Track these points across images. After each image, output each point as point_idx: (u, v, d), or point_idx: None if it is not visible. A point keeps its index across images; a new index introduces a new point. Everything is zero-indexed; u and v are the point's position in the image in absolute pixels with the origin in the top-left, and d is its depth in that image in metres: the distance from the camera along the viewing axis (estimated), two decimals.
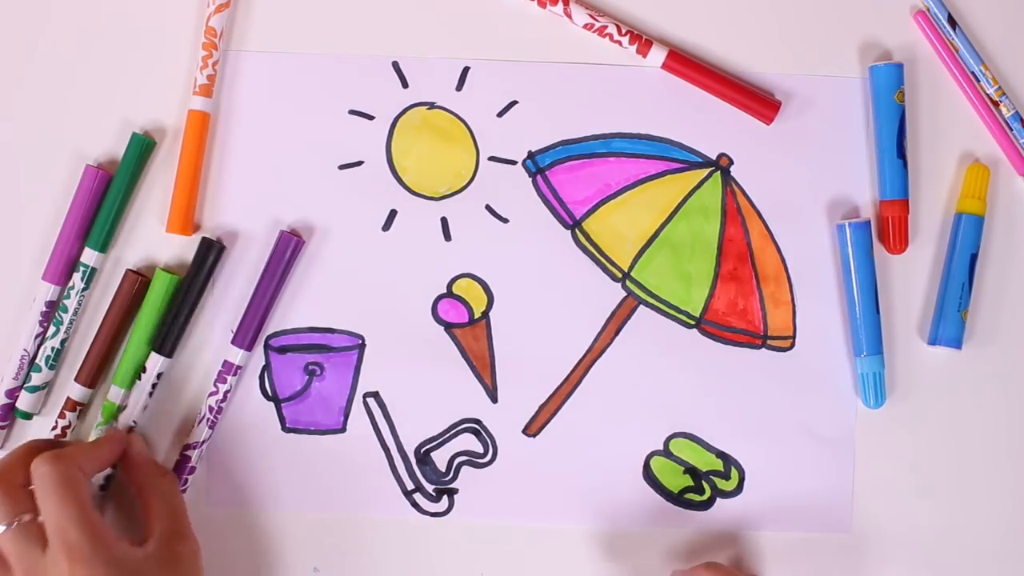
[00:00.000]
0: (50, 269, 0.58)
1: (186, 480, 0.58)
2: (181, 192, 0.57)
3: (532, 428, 0.59)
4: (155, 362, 0.57)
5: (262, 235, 0.59)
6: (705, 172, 0.60)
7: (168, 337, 0.57)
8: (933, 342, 0.59)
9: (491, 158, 0.59)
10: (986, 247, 0.60)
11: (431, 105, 0.59)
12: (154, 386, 0.57)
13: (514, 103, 0.59)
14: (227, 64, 0.59)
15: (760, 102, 0.59)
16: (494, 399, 0.59)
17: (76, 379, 0.58)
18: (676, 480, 0.59)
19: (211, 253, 0.57)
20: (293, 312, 0.59)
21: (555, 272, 0.59)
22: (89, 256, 0.57)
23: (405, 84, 0.59)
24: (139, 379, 0.57)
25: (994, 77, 0.59)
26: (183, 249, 0.59)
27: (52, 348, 0.58)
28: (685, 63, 0.58)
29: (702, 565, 0.56)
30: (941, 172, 0.60)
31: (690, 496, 0.59)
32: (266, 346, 0.59)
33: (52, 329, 0.58)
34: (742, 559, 0.59)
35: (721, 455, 0.59)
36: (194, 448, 0.58)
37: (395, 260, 0.59)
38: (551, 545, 0.59)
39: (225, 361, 0.58)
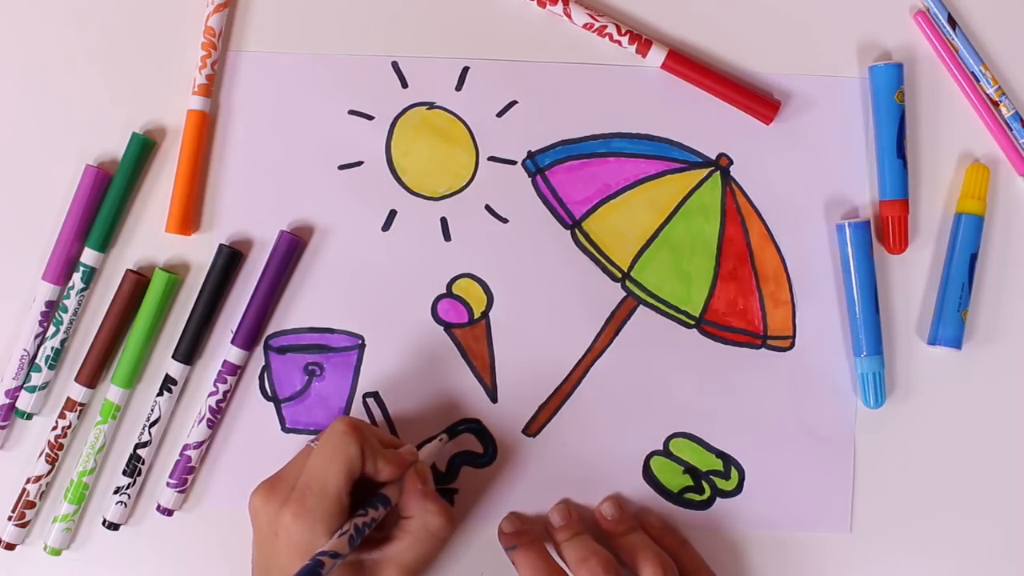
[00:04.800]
0: (50, 269, 0.58)
1: (186, 480, 0.58)
2: (180, 192, 0.58)
3: (532, 428, 0.59)
4: (180, 371, 0.58)
5: (262, 235, 0.59)
6: (705, 172, 0.60)
7: (191, 344, 0.58)
8: (933, 342, 0.59)
9: (491, 158, 0.59)
10: (986, 247, 0.60)
11: (431, 105, 0.59)
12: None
13: (514, 103, 0.59)
14: (226, 64, 0.59)
15: (760, 102, 0.59)
16: (494, 399, 0.59)
17: (76, 379, 0.58)
18: (676, 480, 0.59)
19: (232, 261, 0.58)
20: (293, 312, 0.59)
21: (555, 272, 0.59)
22: (89, 256, 0.58)
23: (405, 84, 0.59)
24: (169, 391, 0.58)
25: (994, 77, 0.59)
26: (183, 249, 0.59)
27: (52, 348, 0.58)
28: (685, 63, 0.58)
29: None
30: (941, 172, 0.60)
31: (690, 496, 0.59)
32: (266, 346, 0.59)
33: (52, 329, 0.58)
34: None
35: (721, 455, 0.59)
36: (194, 448, 0.58)
37: (395, 260, 0.59)
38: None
39: (225, 361, 0.58)
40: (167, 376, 0.58)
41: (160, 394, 0.58)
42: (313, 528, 0.49)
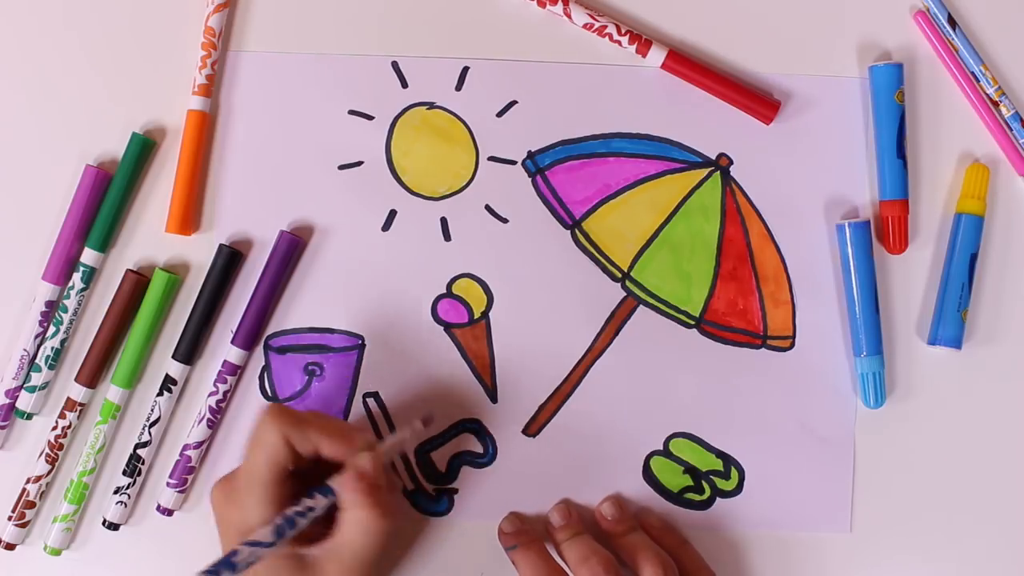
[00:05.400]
0: (50, 269, 0.58)
1: (186, 480, 0.58)
2: (180, 192, 0.58)
3: (532, 428, 0.59)
4: (180, 371, 0.58)
5: (262, 235, 0.59)
6: (705, 172, 0.60)
7: (191, 344, 0.58)
8: (933, 342, 0.59)
9: (491, 158, 0.59)
10: (986, 247, 0.60)
11: (431, 105, 0.59)
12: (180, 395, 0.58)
13: (514, 103, 0.59)
14: (226, 64, 0.59)
15: (760, 102, 0.59)
16: (494, 399, 0.59)
17: (76, 379, 0.58)
18: (676, 480, 0.59)
19: (232, 261, 0.58)
20: (293, 312, 0.59)
21: (555, 272, 0.59)
22: (89, 256, 0.58)
23: (405, 84, 0.59)
24: (169, 391, 0.58)
25: (994, 77, 0.59)
26: (183, 249, 0.59)
27: (52, 348, 0.58)
28: (685, 63, 0.58)
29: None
30: (941, 172, 0.60)
31: (690, 496, 0.59)
32: (266, 346, 0.59)
33: (52, 329, 0.58)
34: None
35: (721, 455, 0.59)
36: (194, 448, 0.58)
37: (395, 260, 0.59)
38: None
39: (225, 361, 0.58)
40: (167, 376, 0.58)
41: (160, 394, 0.58)
42: (244, 512, 0.50)
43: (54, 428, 0.58)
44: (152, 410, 0.58)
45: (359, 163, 0.59)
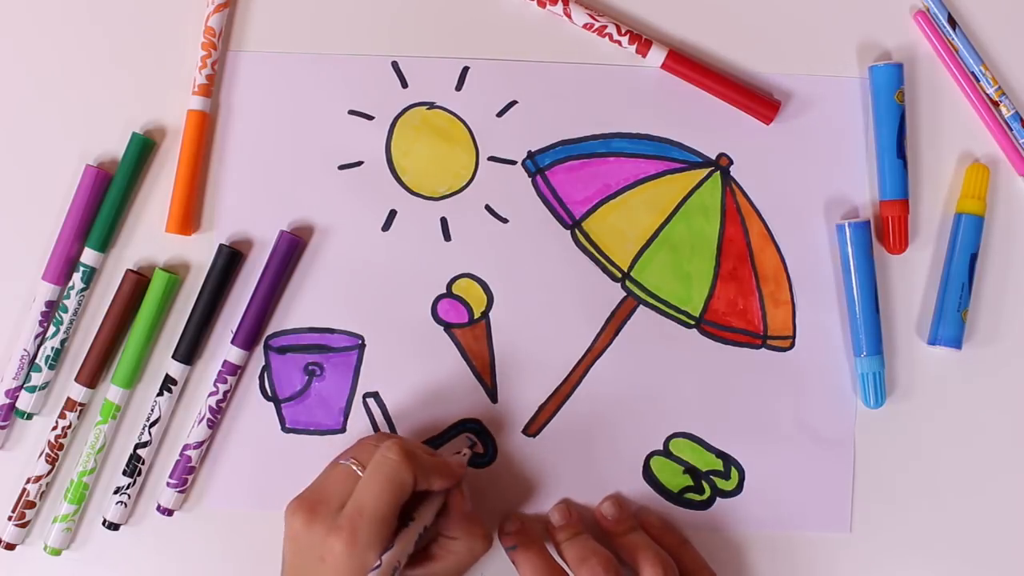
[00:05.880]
0: (50, 269, 0.58)
1: (186, 480, 0.58)
2: (181, 192, 0.58)
3: (532, 428, 0.59)
4: (180, 371, 0.58)
5: (262, 235, 0.59)
6: (705, 172, 0.60)
7: (191, 344, 0.58)
8: (933, 342, 0.59)
9: (491, 158, 0.59)
10: (986, 247, 0.60)
11: (431, 105, 0.59)
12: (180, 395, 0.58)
13: (514, 103, 0.59)
14: (226, 64, 0.59)
15: (760, 102, 0.59)
16: (494, 399, 0.59)
17: (76, 379, 0.58)
18: (676, 480, 0.59)
19: (232, 261, 0.58)
20: (293, 312, 0.59)
21: (555, 272, 0.59)
22: (89, 256, 0.58)
23: (405, 84, 0.59)
24: (169, 391, 0.58)
25: (994, 77, 0.59)
26: (183, 249, 0.59)
27: (52, 348, 0.58)
28: (685, 63, 0.58)
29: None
30: (941, 172, 0.60)
31: (690, 496, 0.59)
32: (266, 346, 0.59)
33: (52, 329, 0.58)
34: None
35: (721, 455, 0.59)
36: (194, 448, 0.58)
37: (395, 260, 0.59)
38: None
39: (225, 361, 0.58)
40: (167, 376, 0.58)
41: (160, 394, 0.58)
42: (365, 555, 0.49)
43: (54, 428, 0.58)
44: (152, 410, 0.58)
45: (359, 163, 0.59)
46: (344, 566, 0.49)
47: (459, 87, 0.59)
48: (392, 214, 0.59)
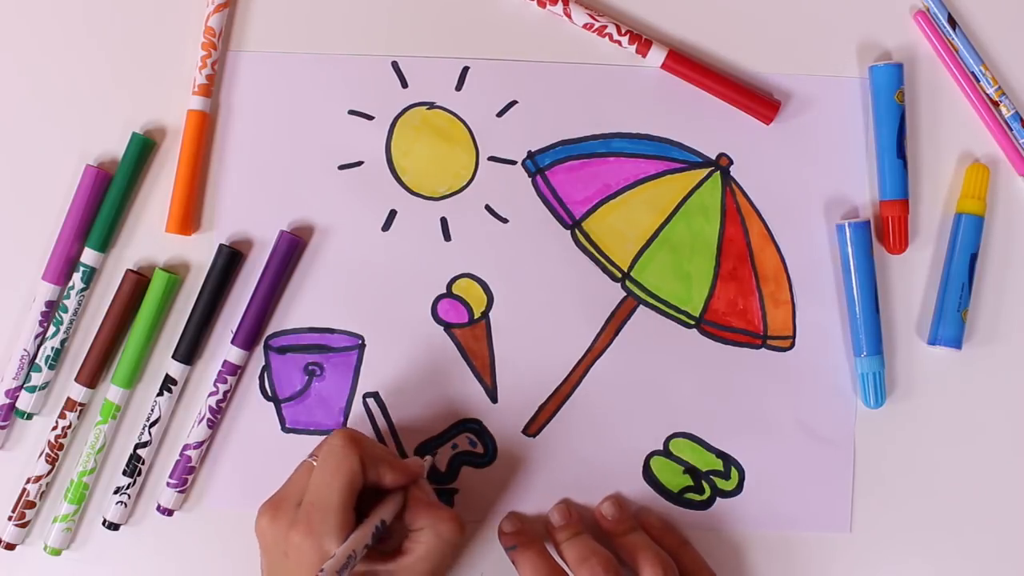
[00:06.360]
0: (50, 269, 0.58)
1: (186, 480, 0.58)
2: (180, 192, 0.58)
3: (532, 428, 0.59)
4: (180, 371, 0.58)
5: (262, 235, 0.59)
6: (705, 172, 0.60)
7: (191, 344, 0.58)
8: (933, 342, 0.59)
9: (491, 158, 0.59)
10: (986, 247, 0.60)
11: (431, 105, 0.59)
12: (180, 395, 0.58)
13: (514, 103, 0.59)
14: (226, 64, 0.59)
15: (760, 102, 0.59)
16: (494, 399, 0.59)
17: (76, 379, 0.58)
18: (676, 480, 0.59)
19: (232, 261, 0.58)
20: (293, 312, 0.59)
21: (555, 272, 0.59)
22: (89, 256, 0.58)
23: (405, 84, 0.59)
24: (169, 391, 0.58)
25: (994, 77, 0.59)
26: (183, 249, 0.59)
27: (52, 348, 0.58)
28: (685, 63, 0.58)
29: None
30: (941, 172, 0.60)
31: (690, 496, 0.59)
32: (266, 346, 0.59)
33: (52, 329, 0.58)
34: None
35: (721, 455, 0.59)
36: (194, 448, 0.58)
37: (395, 260, 0.59)
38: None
39: (225, 361, 0.58)
40: (167, 376, 0.58)
41: (160, 394, 0.58)
42: (321, 544, 0.49)
43: (54, 428, 0.58)
44: (152, 410, 0.58)
45: (359, 163, 0.59)
46: (305, 557, 0.50)
47: (459, 87, 0.59)
48: (392, 214, 0.59)
